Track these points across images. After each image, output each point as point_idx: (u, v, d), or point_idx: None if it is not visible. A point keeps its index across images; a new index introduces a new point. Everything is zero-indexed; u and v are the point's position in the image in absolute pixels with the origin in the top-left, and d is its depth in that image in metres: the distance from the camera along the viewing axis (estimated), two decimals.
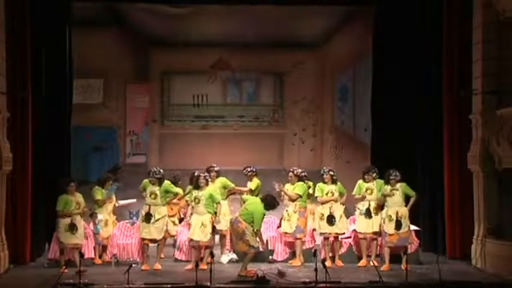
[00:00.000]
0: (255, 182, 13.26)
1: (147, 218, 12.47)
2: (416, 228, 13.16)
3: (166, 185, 12.60)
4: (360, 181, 12.88)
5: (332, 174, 12.84)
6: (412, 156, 14.38)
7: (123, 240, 13.17)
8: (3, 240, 12.45)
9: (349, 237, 13.09)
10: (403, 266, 11.93)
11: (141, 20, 15.89)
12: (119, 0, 15.62)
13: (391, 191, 12.42)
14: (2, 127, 12.45)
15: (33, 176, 13.14)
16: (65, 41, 14.04)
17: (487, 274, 12.16)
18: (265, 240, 12.68)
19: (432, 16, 13.93)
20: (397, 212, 12.36)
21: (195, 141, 16.33)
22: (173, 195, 12.69)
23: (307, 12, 15.52)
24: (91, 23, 15.37)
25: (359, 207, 12.82)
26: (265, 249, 12.84)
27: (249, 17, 15.63)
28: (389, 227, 12.37)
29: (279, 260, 13.02)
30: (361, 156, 15.70)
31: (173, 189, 12.68)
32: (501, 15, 12.46)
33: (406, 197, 12.53)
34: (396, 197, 12.44)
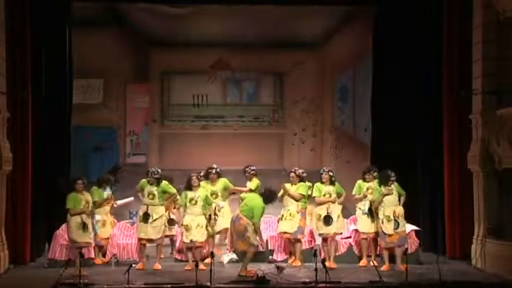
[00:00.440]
0: (255, 182, 13.24)
1: (145, 218, 12.48)
2: (416, 228, 13.17)
3: (164, 185, 12.63)
4: (360, 181, 12.88)
5: (331, 174, 12.82)
6: (412, 156, 14.38)
7: (123, 240, 13.18)
8: (3, 240, 12.45)
9: (349, 237, 13.09)
10: (400, 267, 11.95)
11: (141, 20, 15.88)
12: (119, 0, 15.62)
13: (387, 190, 12.41)
14: (2, 127, 12.45)
15: (33, 176, 13.14)
16: (65, 41, 14.05)
17: (487, 274, 12.16)
18: (265, 240, 12.69)
19: (432, 16, 13.93)
20: (394, 211, 12.36)
21: (195, 141, 16.33)
22: (170, 195, 12.72)
23: (307, 12, 15.52)
24: (91, 23, 15.37)
25: (360, 207, 12.81)
26: (266, 249, 12.85)
27: (249, 17, 15.63)
28: (388, 227, 12.35)
29: (279, 260, 13.01)
30: (361, 156, 15.70)
31: (171, 190, 12.70)
32: (501, 15, 12.46)
33: (399, 196, 12.55)
34: (392, 196, 12.44)
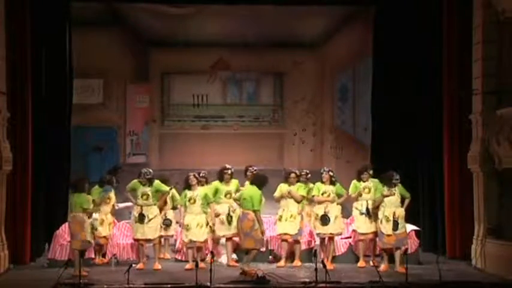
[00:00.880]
0: (234, 183, 13.14)
1: (141, 218, 12.49)
2: (416, 228, 13.16)
3: (156, 184, 12.68)
4: (354, 181, 12.83)
5: (331, 174, 12.80)
6: (412, 156, 14.38)
7: (123, 240, 13.18)
8: (3, 240, 12.46)
9: (349, 238, 13.09)
10: (398, 269, 11.95)
11: (141, 20, 15.88)
12: (119, 0, 15.62)
13: (389, 191, 12.40)
14: (2, 127, 12.46)
15: (33, 176, 13.14)
16: (65, 41, 14.05)
17: (487, 274, 12.16)
18: (265, 240, 12.67)
19: (432, 16, 13.93)
20: (394, 212, 12.31)
21: (195, 141, 16.32)
22: (163, 194, 12.76)
23: (307, 12, 15.52)
24: (91, 23, 15.37)
25: (357, 207, 12.78)
26: (266, 249, 12.84)
27: (249, 17, 15.63)
28: (386, 228, 12.33)
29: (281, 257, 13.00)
30: (361, 156, 15.69)
31: (163, 188, 12.75)
32: (501, 15, 12.45)
33: (402, 198, 12.50)
34: (394, 197, 12.41)
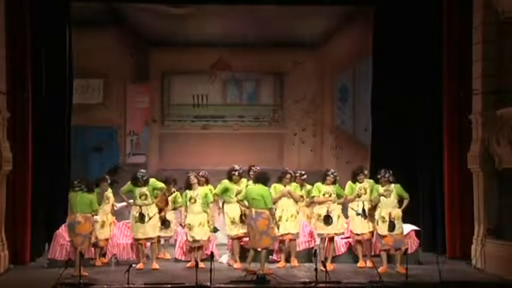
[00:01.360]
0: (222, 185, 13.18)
1: (141, 218, 12.48)
2: (416, 228, 13.16)
3: (152, 183, 12.68)
4: (350, 182, 12.73)
5: (335, 175, 12.78)
6: (412, 156, 14.38)
7: (123, 240, 13.16)
8: (3, 240, 12.45)
9: (349, 238, 13.08)
10: (398, 270, 11.94)
11: (141, 20, 15.89)
12: (119, 0, 15.62)
13: (385, 192, 12.38)
14: (2, 127, 12.45)
15: (33, 176, 13.14)
16: (65, 41, 14.06)
17: (487, 274, 12.16)
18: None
19: (432, 16, 13.93)
20: (390, 213, 12.25)
21: (195, 141, 16.33)
22: (160, 190, 12.76)
23: (307, 12, 15.52)
24: (91, 23, 15.38)
25: (353, 207, 12.75)
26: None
27: (249, 17, 15.63)
28: (382, 229, 12.31)
29: (279, 260, 12.99)
30: (361, 156, 15.70)
31: (160, 185, 12.76)
32: (501, 15, 12.46)
33: (400, 198, 12.41)
34: (390, 198, 12.34)
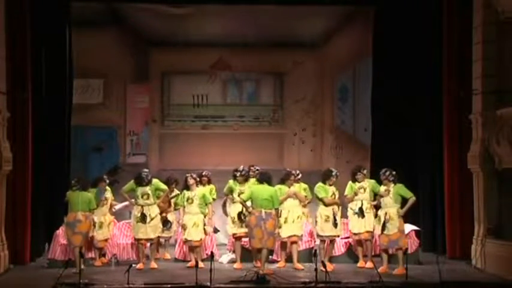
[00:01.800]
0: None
1: (143, 218, 12.51)
2: (416, 228, 13.16)
3: (155, 183, 12.72)
4: (350, 182, 12.76)
5: (338, 176, 12.79)
6: (412, 156, 14.38)
7: (123, 240, 13.18)
8: (3, 240, 12.46)
9: (349, 237, 13.08)
10: (397, 270, 11.95)
11: (141, 20, 15.86)
12: (119, 0, 15.61)
13: (385, 192, 12.37)
14: (2, 127, 12.45)
15: (33, 176, 13.14)
16: (65, 41, 14.07)
17: (487, 274, 12.17)
18: None
19: (432, 16, 13.93)
20: (386, 213, 12.26)
21: (195, 141, 16.31)
22: (162, 192, 12.80)
23: (307, 12, 15.51)
24: (91, 23, 15.36)
25: (351, 207, 12.76)
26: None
27: (249, 17, 15.62)
28: (377, 228, 12.39)
29: (279, 260, 12.99)
30: (361, 156, 15.68)
31: (162, 186, 12.80)
32: (501, 15, 12.46)
33: (404, 198, 12.36)
34: (387, 198, 12.34)
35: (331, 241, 12.68)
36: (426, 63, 14.10)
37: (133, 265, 11.71)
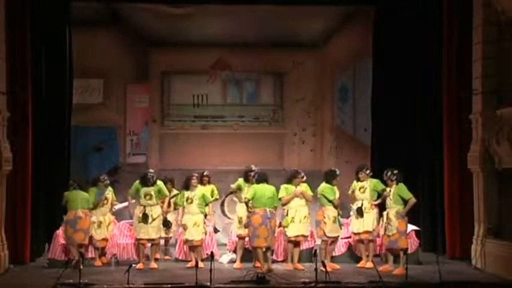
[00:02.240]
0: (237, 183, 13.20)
1: (145, 218, 12.52)
2: (416, 228, 13.16)
3: (160, 184, 12.77)
4: (355, 181, 12.78)
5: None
6: (412, 156, 14.38)
7: (123, 240, 13.19)
8: (3, 240, 12.46)
9: (349, 237, 13.08)
10: (397, 270, 11.94)
11: (141, 20, 15.86)
12: (119, 0, 15.61)
13: (387, 192, 12.35)
14: (2, 127, 12.46)
15: (33, 176, 13.14)
16: (65, 41, 14.07)
17: (487, 274, 12.17)
18: None
19: (432, 16, 13.93)
20: (388, 213, 12.30)
21: (195, 141, 16.31)
22: (164, 196, 12.83)
23: (307, 12, 15.51)
24: (91, 23, 15.36)
25: (353, 207, 12.78)
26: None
27: (249, 17, 15.61)
28: (381, 229, 12.43)
29: (279, 260, 12.99)
30: (361, 156, 15.68)
31: (164, 190, 12.82)
32: (501, 15, 12.46)
33: (403, 199, 12.34)
34: (388, 198, 12.34)
35: (333, 241, 12.67)
36: (426, 63, 14.10)
37: (133, 265, 11.71)
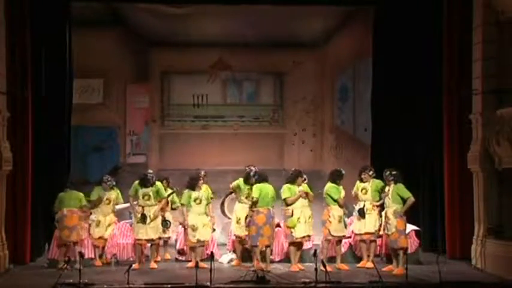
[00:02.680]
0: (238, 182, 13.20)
1: (143, 219, 12.50)
2: (416, 228, 13.16)
3: (159, 185, 12.75)
4: (358, 181, 12.82)
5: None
6: (412, 156, 14.38)
7: (123, 240, 13.18)
8: (3, 240, 12.46)
9: (349, 237, 13.08)
10: (397, 270, 11.94)
11: (141, 20, 15.86)
12: (119, 0, 15.62)
13: (386, 192, 12.35)
14: (2, 127, 12.46)
15: (33, 176, 13.15)
16: (65, 41, 14.06)
17: (487, 274, 12.17)
18: None
19: (432, 16, 13.93)
20: (386, 212, 12.29)
21: (195, 141, 16.31)
22: (161, 197, 12.77)
23: (307, 12, 15.51)
24: (91, 23, 15.35)
25: (355, 207, 12.77)
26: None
27: (249, 17, 15.61)
28: (382, 229, 12.45)
29: (277, 260, 12.99)
30: (361, 156, 15.68)
31: (162, 192, 12.78)
32: (501, 15, 12.46)
33: (402, 199, 12.30)
34: (386, 198, 12.34)
35: (339, 241, 12.65)
36: (426, 63, 14.10)
37: (133, 265, 11.72)
